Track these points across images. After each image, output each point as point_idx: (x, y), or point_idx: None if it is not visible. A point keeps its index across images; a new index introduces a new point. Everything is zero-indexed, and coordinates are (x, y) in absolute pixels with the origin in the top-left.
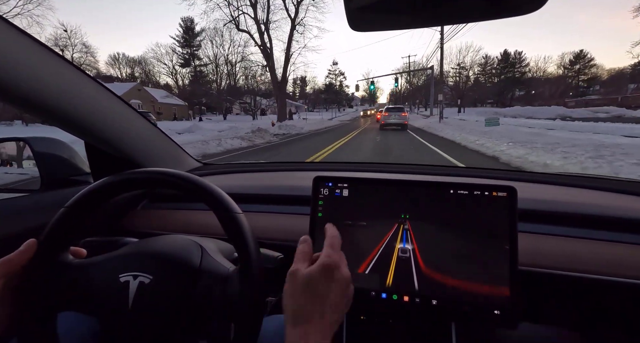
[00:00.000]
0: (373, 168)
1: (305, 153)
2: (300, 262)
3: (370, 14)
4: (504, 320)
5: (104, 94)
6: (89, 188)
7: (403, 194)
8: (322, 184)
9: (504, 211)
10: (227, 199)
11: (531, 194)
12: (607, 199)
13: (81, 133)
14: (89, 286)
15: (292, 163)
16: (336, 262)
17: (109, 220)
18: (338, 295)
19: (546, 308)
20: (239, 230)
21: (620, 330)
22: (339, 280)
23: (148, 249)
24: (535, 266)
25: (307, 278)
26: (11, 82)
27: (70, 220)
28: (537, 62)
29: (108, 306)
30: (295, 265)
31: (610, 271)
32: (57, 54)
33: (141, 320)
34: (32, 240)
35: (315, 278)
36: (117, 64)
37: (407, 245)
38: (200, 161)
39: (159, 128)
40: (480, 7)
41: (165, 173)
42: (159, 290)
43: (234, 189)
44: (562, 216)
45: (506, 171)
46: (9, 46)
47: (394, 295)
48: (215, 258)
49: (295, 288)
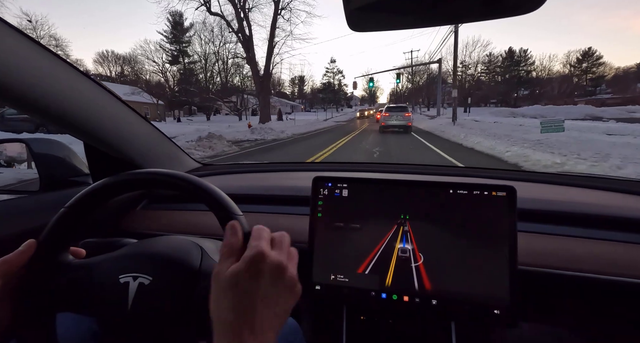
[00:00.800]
0: (372, 168)
1: None
2: (223, 260)
3: (369, 14)
4: (504, 320)
5: (103, 94)
6: (90, 188)
7: (402, 194)
8: (321, 185)
9: (503, 211)
10: (228, 201)
11: (530, 194)
12: (606, 198)
13: (80, 134)
14: (89, 286)
15: (291, 163)
16: (261, 252)
17: (109, 221)
18: (271, 292)
19: (545, 308)
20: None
21: (620, 329)
22: (267, 274)
23: (148, 250)
24: (534, 265)
25: (232, 279)
26: (9, 83)
27: (70, 219)
28: (542, 61)
29: (107, 307)
30: (218, 265)
31: (609, 270)
32: (55, 55)
33: (141, 321)
34: (31, 241)
35: (241, 276)
36: (105, 62)
37: (407, 245)
38: (199, 161)
39: (158, 129)
40: (480, 6)
41: (166, 174)
42: (158, 291)
43: (233, 189)
44: (562, 216)
45: (505, 170)
46: (7, 46)
47: (393, 295)
48: (215, 259)
49: (219, 293)
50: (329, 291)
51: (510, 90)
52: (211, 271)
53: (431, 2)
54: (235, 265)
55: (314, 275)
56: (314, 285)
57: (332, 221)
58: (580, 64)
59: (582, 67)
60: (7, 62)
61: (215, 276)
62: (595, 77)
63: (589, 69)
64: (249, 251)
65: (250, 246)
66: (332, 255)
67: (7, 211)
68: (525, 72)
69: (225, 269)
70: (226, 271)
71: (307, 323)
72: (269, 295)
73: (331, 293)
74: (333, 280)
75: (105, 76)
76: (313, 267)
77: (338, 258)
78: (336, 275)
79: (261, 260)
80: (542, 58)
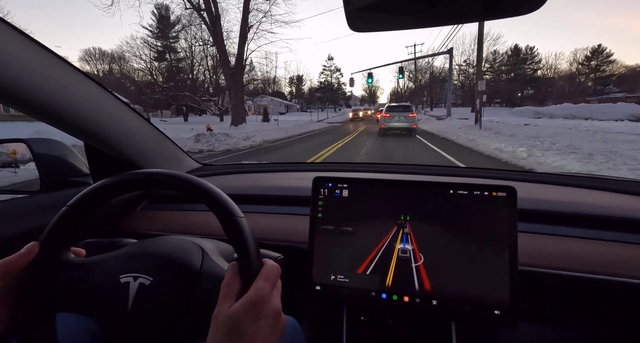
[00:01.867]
0: (373, 169)
1: None
2: (223, 301)
3: (370, 14)
4: (504, 320)
5: (103, 94)
6: (92, 187)
7: (403, 194)
8: (321, 185)
9: (503, 211)
10: (229, 203)
11: (531, 194)
12: (606, 199)
13: (80, 134)
14: (89, 285)
15: (291, 163)
16: (265, 296)
17: (109, 222)
18: (267, 334)
19: (546, 308)
20: (240, 234)
21: (620, 329)
22: (267, 316)
23: (149, 250)
24: (535, 266)
25: (231, 320)
26: (9, 83)
27: (72, 218)
28: (547, 59)
29: (108, 306)
30: (218, 305)
31: (609, 271)
32: (56, 55)
33: (140, 321)
34: (33, 243)
35: (240, 318)
36: (93, 60)
37: (407, 245)
38: (199, 161)
39: (158, 129)
40: (480, 7)
41: (168, 175)
42: (159, 292)
43: (233, 190)
44: (562, 216)
45: (506, 171)
46: (7, 46)
47: (394, 295)
48: (215, 260)
49: (217, 335)
50: (329, 292)
51: (515, 89)
52: (212, 272)
53: (431, 2)
54: (236, 305)
55: (314, 276)
56: (314, 285)
57: (332, 222)
58: (589, 61)
59: (591, 66)
60: (7, 63)
61: (214, 317)
62: (605, 76)
63: (599, 67)
64: (253, 292)
65: (257, 287)
66: (332, 255)
67: (7, 211)
68: (532, 71)
69: (225, 309)
70: (227, 311)
71: (308, 324)
72: (264, 337)
73: (331, 293)
74: (333, 281)
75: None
76: (313, 267)
77: (338, 258)
78: (336, 275)
79: (264, 302)
80: (548, 56)
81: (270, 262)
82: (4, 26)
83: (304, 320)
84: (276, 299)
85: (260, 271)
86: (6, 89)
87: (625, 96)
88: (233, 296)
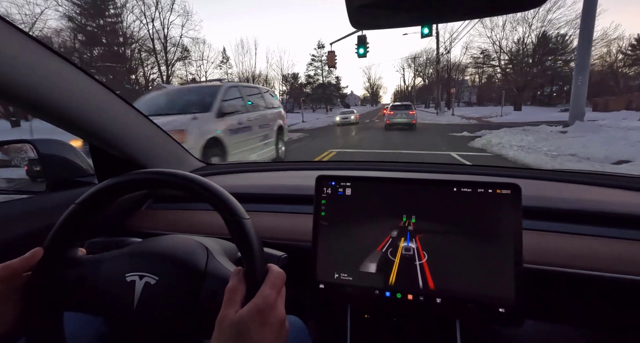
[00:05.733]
0: (376, 167)
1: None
2: (228, 305)
3: (372, 11)
4: (509, 318)
5: (106, 94)
6: (101, 185)
7: (406, 192)
8: (325, 184)
9: (508, 209)
10: (235, 204)
11: (535, 192)
12: (611, 195)
13: (85, 134)
14: (96, 284)
15: (294, 162)
16: (271, 303)
17: (114, 221)
18: (271, 340)
19: (551, 306)
20: (245, 237)
21: (626, 327)
22: (272, 323)
23: (155, 249)
24: (540, 263)
25: (236, 326)
26: (13, 83)
27: (80, 216)
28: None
29: (114, 305)
30: (223, 309)
31: (615, 268)
32: (60, 55)
33: (146, 320)
34: (37, 249)
35: (246, 324)
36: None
37: (411, 243)
38: (202, 160)
39: (162, 128)
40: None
41: (174, 174)
42: (164, 291)
43: (237, 189)
44: (567, 213)
45: (510, 168)
46: (11, 46)
47: (397, 293)
48: (220, 260)
49: (222, 340)
50: (333, 290)
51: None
52: (216, 271)
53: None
54: (242, 311)
55: (318, 274)
56: (318, 283)
57: (335, 220)
58: (634, 50)
59: (637, 55)
60: (12, 64)
61: (219, 322)
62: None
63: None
64: (260, 299)
65: (263, 293)
66: (336, 253)
67: (14, 211)
68: (563, 62)
69: (231, 314)
70: (233, 316)
71: (313, 322)
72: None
73: (335, 291)
74: (337, 279)
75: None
76: (317, 266)
77: (342, 256)
78: (340, 273)
79: (270, 310)
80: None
81: (276, 268)
82: (7, 27)
83: (309, 318)
84: (281, 306)
85: (266, 277)
86: (9, 90)
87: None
88: (238, 301)
